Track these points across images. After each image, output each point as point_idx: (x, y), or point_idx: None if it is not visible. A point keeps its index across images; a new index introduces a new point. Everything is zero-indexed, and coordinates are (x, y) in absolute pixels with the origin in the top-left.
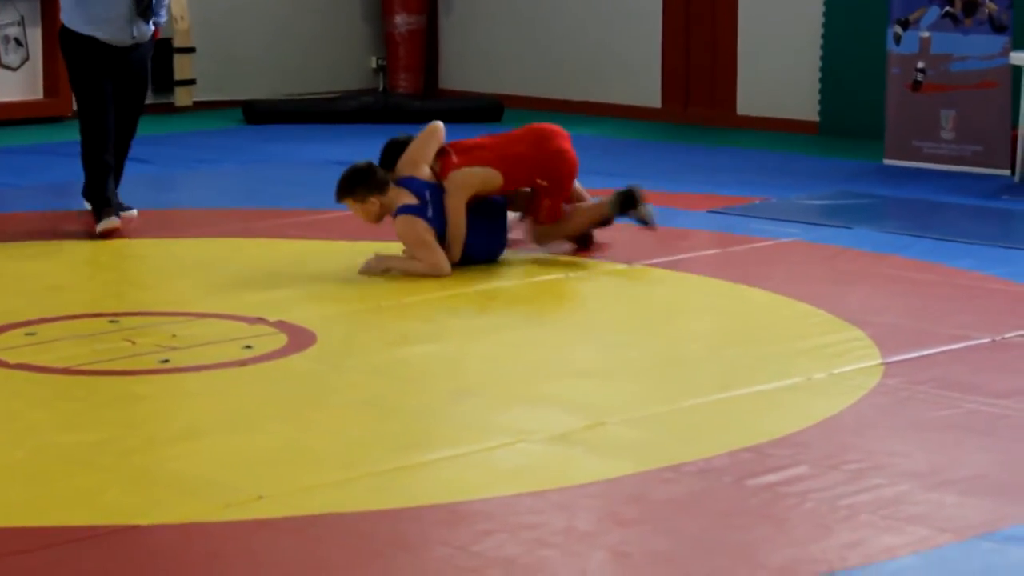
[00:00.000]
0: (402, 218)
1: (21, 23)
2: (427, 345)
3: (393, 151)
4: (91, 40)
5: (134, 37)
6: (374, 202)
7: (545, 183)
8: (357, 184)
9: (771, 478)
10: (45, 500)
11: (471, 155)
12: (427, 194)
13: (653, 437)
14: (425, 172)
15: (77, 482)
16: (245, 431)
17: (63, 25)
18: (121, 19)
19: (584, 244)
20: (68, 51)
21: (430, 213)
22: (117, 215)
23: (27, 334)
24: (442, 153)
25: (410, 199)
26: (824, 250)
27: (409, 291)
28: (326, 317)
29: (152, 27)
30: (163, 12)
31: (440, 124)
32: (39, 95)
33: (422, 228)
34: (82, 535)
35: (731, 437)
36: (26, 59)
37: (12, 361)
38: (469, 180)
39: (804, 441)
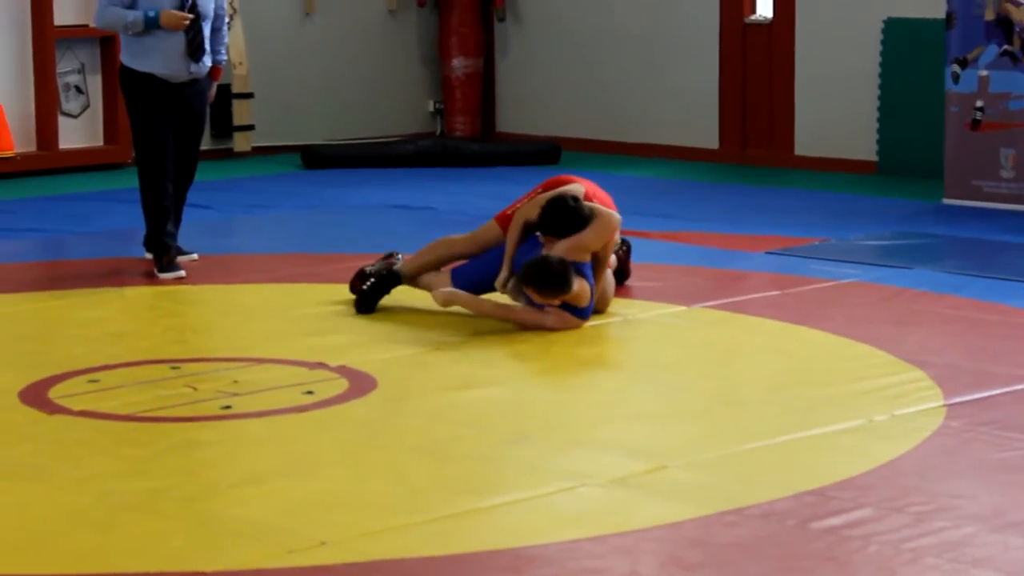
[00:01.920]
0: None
1: (81, 71)
2: (486, 389)
3: (563, 215)
4: (148, 76)
5: (191, 72)
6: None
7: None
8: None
9: (834, 521)
10: (111, 547)
11: None
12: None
13: (715, 480)
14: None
15: (141, 529)
16: (307, 477)
17: (122, 64)
18: (177, 54)
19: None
20: (127, 88)
21: None
22: (177, 267)
23: (89, 381)
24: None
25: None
26: (883, 291)
27: (467, 334)
28: (386, 361)
29: (208, 63)
30: (223, 51)
31: (618, 218)
32: (99, 142)
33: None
34: None
35: (793, 480)
36: (86, 106)
37: (75, 408)
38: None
39: (867, 484)
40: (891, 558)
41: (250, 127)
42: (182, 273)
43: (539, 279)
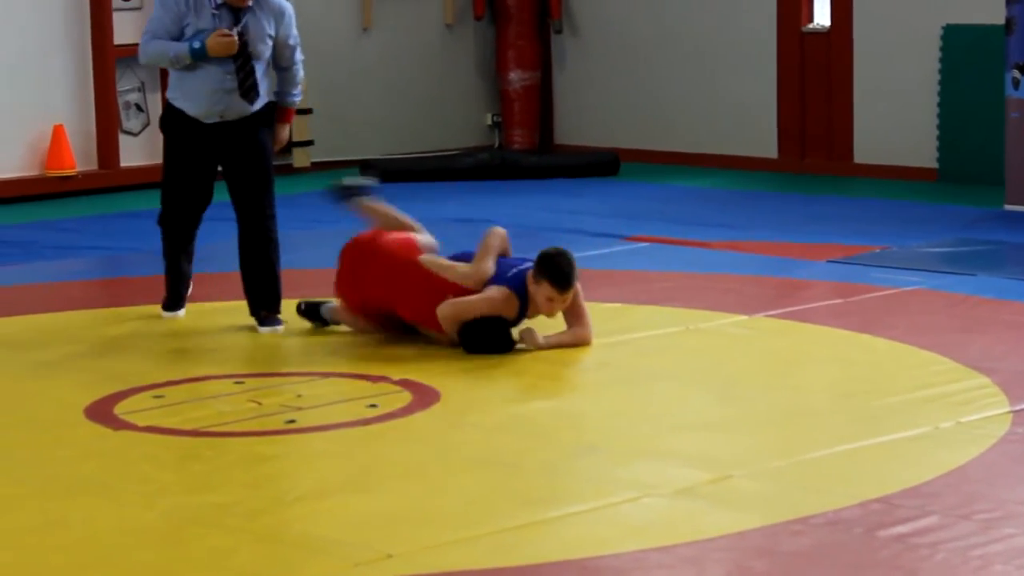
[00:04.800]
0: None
1: (141, 89)
2: (549, 400)
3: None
4: (181, 114)
5: (220, 116)
6: None
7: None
8: None
9: (901, 529)
10: (178, 562)
11: None
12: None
13: (780, 489)
14: None
15: (208, 543)
16: (372, 490)
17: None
18: (211, 92)
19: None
20: (163, 124)
21: None
22: (175, 311)
23: (154, 397)
24: None
25: None
26: (946, 298)
27: (528, 347)
28: (448, 374)
29: (253, 107)
30: (295, 91)
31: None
32: (159, 160)
33: None
34: None
35: (859, 488)
36: (147, 124)
37: (141, 424)
38: None
39: (934, 491)
40: (959, 566)
41: (309, 143)
42: (176, 316)
43: (567, 270)
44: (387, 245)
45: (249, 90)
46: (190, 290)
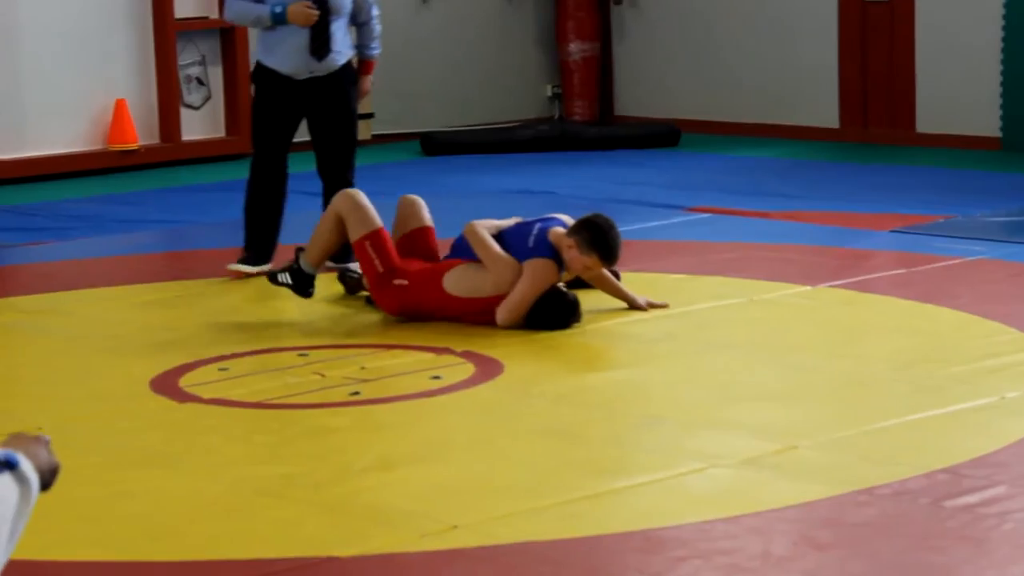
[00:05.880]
0: None
1: (203, 62)
2: (613, 372)
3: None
4: (272, 73)
5: (311, 72)
6: None
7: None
8: None
9: (969, 499)
10: (246, 533)
11: None
12: None
13: (845, 460)
14: None
15: (275, 514)
16: (436, 461)
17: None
18: (300, 49)
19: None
20: (253, 82)
21: None
22: (255, 264)
23: (219, 369)
24: None
25: None
26: (1011, 267)
27: (590, 319)
28: (511, 345)
29: (339, 60)
30: (374, 44)
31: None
32: (221, 133)
33: None
34: (285, 567)
35: (925, 458)
36: (208, 98)
37: (206, 396)
38: None
39: (1001, 461)
40: None
41: (370, 115)
42: (247, 270)
43: (616, 244)
44: (424, 299)
45: (320, 47)
46: (276, 248)
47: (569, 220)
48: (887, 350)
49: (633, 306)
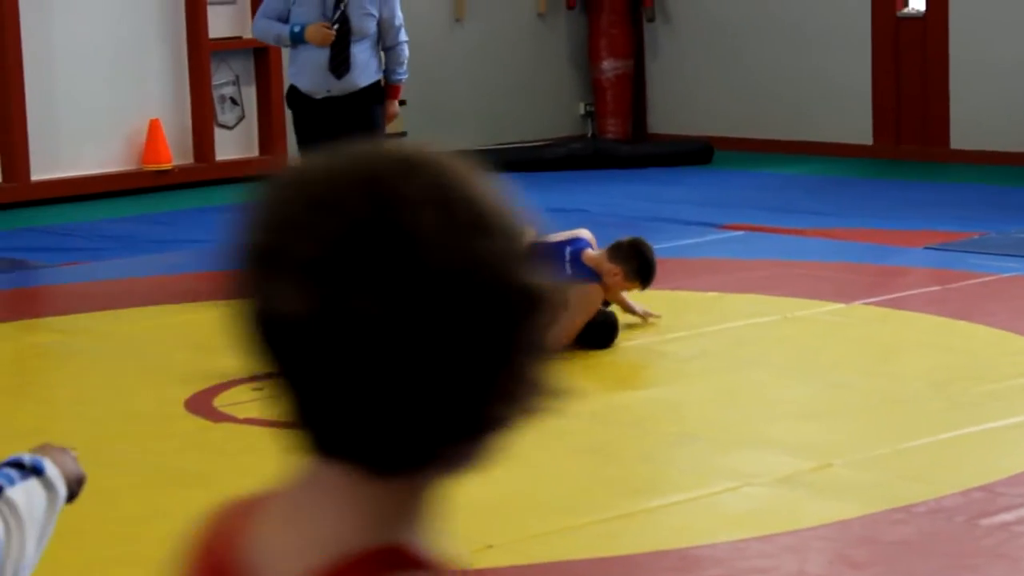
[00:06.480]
0: None
1: (236, 82)
2: (647, 390)
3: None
4: (293, 90)
5: (328, 91)
6: None
7: None
8: None
9: (1005, 517)
10: None
11: None
12: None
13: (880, 478)
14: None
15: None
16: (470, 479)
17: None
18: (319, 68)
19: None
20: (287, 100)
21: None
22: None
23: (253, 389)
24: None
25: None
26: None
27: (624, 336)
28: None
29: (360, 82)
30: (400, 69)
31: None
32: (255, 152)
33: None
34: None
35: (961, 476)
36: (242, 117)
37: (240, 416)
38: None
39: None
40: None
41: (403, 134)
42: None
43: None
44: None
45: (338, 66)
46: None
47: (587, 235)
48: (922, 368)
49: (630, 312)
